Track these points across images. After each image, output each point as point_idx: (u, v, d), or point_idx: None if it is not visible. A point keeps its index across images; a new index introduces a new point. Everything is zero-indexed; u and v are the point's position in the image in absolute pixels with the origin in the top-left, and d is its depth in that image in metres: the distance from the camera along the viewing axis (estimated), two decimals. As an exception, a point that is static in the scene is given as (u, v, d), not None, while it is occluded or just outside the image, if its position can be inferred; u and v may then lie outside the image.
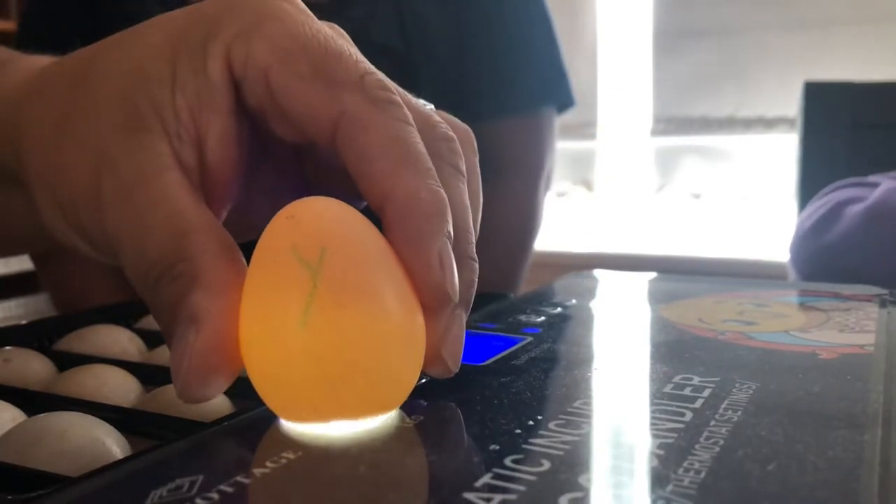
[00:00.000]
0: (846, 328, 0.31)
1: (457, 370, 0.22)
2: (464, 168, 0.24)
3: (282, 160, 0.26)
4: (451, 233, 0.22)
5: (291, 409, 0.20)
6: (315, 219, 0.20)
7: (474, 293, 0.23)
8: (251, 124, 0.24)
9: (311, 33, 0.22)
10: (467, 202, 0.24)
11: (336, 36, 0.23)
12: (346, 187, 0.24)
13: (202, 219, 0.21)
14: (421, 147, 0.22)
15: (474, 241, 0.24)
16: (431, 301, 0.21)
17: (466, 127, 0.26)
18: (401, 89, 0.24)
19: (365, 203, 0.23)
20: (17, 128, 0.24)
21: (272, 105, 0.22)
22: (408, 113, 0.22)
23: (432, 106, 0.26)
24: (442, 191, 0.22)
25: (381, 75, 0.23)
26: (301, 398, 0.20)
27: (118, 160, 0.21)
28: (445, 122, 0.25)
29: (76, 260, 0.75)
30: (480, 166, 0.26)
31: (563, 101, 0.81)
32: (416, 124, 0.23)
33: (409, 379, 0.21)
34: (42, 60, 0.26)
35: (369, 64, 0.23)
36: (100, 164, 0.21)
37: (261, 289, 0.20)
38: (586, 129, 1.84)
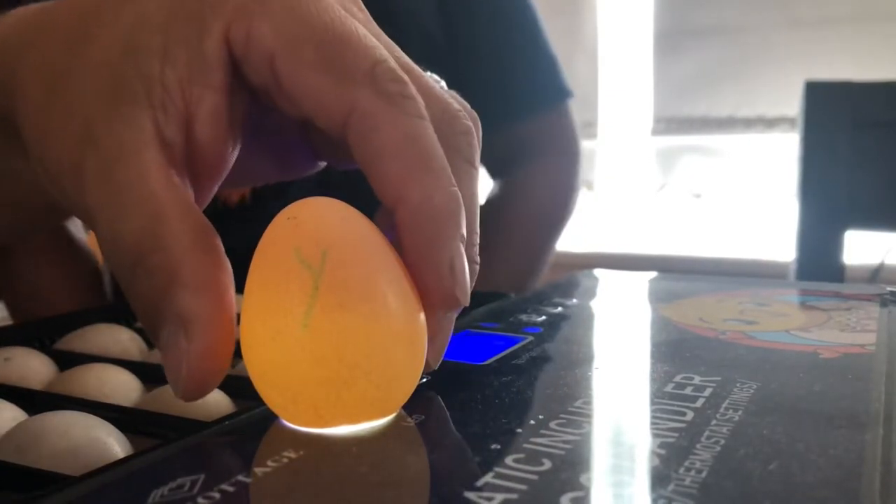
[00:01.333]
0: (847, 327, 0.31)
1: (436, 367, 0.23)
2: (478, 162, 0.24)
3: (284, 123, 0.26)
4: (465, 235, 0.21)
5: (293, 410, 0.20)
6: (316, 220, 0.20)
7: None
8: (252, 94, 0.23)
9: (318, 13, 0.21)
10: (478, 200, 0.23)
11: (346, 15, 0.22)
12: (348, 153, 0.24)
13: (177, 202, 0.20)
14: (435, 144, 0.21)
15: (478, 241, 0.24)
16: (439, 305, 0.21)
17: (475, 115, 0.25)
18: (416, 69, 0.23)
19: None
20: (12, 75, 0.23)
21: (277, 88, 0.22)
22: (421, 106, 0.22)
23: (444, 83, 0.25)
24: (457, 192, 0.21)
25: (393, 63, 0.22)
26: (302, 400, 0.20)
27: (100, 134, 0.20)
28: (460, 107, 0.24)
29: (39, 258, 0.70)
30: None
31: (569, 95, 0.84)
32: (434, 112, 0.22)
33: (411, 381, 0.21)
34: (34, 7, 0.25)
35: (381, 49, 0.22)
36: (84, 136, 0.21)
37: (263, 290, 0.20)
38: (586, 129, 1.84)
